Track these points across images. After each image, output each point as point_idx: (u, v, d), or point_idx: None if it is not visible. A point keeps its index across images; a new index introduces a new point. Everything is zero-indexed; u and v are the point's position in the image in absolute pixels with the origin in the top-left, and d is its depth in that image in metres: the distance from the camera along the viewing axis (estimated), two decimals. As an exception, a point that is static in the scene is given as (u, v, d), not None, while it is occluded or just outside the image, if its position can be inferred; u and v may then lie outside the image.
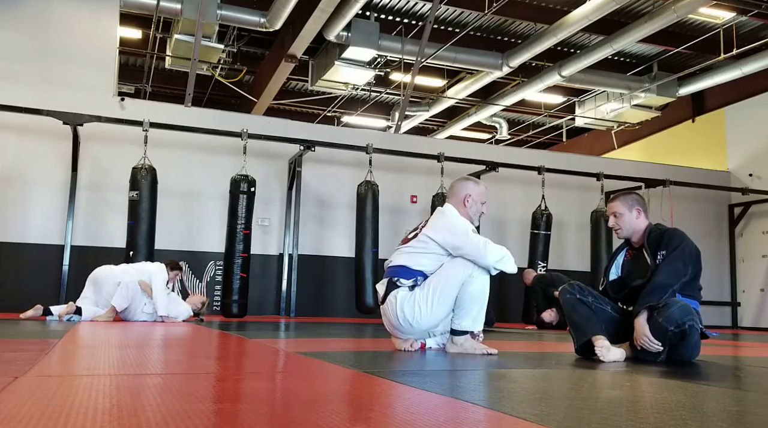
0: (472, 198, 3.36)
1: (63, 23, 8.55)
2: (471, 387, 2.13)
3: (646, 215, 3.31)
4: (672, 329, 2.93)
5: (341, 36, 9.76)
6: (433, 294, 3.14)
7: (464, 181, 3.46)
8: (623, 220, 3.27)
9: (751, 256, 11.03)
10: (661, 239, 3.17)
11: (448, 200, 3.46)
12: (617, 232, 3.31)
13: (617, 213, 3.28)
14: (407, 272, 3.22)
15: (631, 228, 3.27)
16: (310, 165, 8.84)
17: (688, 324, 2.93)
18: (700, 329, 3.03)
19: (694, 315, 2.98)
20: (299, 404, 1.59)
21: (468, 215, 3.36)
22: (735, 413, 1.69)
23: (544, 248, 9.01)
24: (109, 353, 2.87)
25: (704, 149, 12.36)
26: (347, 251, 8.86)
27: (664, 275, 3.07)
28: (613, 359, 2.94)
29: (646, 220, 3.29)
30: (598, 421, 1.42)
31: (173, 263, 6.35)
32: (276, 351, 3.39)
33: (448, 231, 3.23)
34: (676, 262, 3.09)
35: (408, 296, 3.17)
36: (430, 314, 3.16)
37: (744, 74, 10.49)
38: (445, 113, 13.96)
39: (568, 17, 9.17)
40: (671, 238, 3.16)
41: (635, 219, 3.26)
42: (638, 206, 3.28)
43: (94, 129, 7.88)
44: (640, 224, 3.27)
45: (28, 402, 1.48)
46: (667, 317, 2.94)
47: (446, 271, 3.17)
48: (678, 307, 2.96)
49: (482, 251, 3.16)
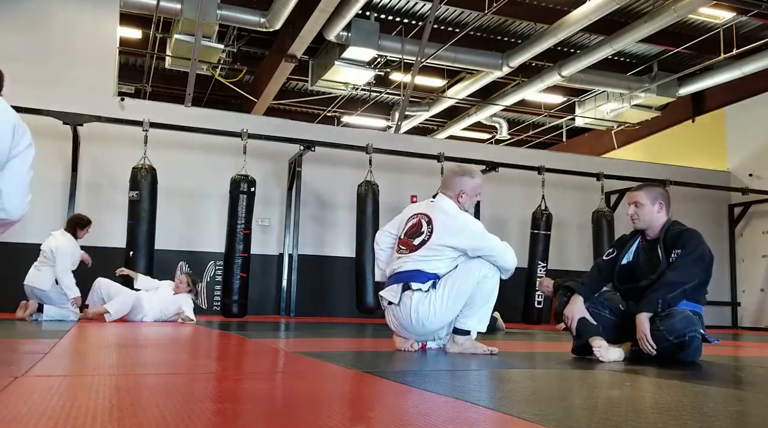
0: (466, 195, 3.34)
1: (63, 23, 8.55)
2: (471, 387, 2.12)
3: (667, 211, 3.24)
4: (672, 339, 2.90)
5: (341, 36, 9.76)
6: (449, 294, 3.12)
7: (459, 175, 3.38)
8: (643, 210, 3.21)
9: (751, 256, 11.03)
10: (679, 238, 3.11)
11: (443, 190, 3.40)
12: (634, 222, 3.25)
13: (639, 203, 3.22)
14: (422, 275, 3.17)
15: (650, 221, 3.21)
16: (310, 165, 8.83)
17: (689, 336, 2.89)
18: (702, 335, 2.98)
19: (696, 326, 2.93)
20: (299, 404, 1.59)
21: (462, 208, 3.36)
22: (735, 413, 1.69)
23: (544, 248, 9.01)
24: (109, 353, 2.86)
25: (704, 149, 12.36)
26: (347, 251, 8.85)
27: (677, 274, 3.02)
28: (613, 359, 2.92)
29: (665, 216, 3.22)
30: (598, 421, 1.42)
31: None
32: (276, 351, 3.39)
33: (465, 237, 3.18)
34: (691, 263, 3.04)
35: (423, 298, 3.14)
36: (443, 315, 3.14)
37: (744, 74, 10.48)
38: (445, 112, 13.95)
39: (568, 17, 9.16)
40: (689, 238, 3.10)
41: (656, 213, 3.20)
42: (661, 200, 3.21)
43: (94, 129, 7.88)
44: (660, 219, 3.20)
45: (28, 402, 1.48)
46: (669, 326, 2.90)
47: (462, 272, 3.14)
48: (681, 318, 2.91)
49: (503, 252, 3.17)
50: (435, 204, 3.36)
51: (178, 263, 8.42)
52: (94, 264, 6.55)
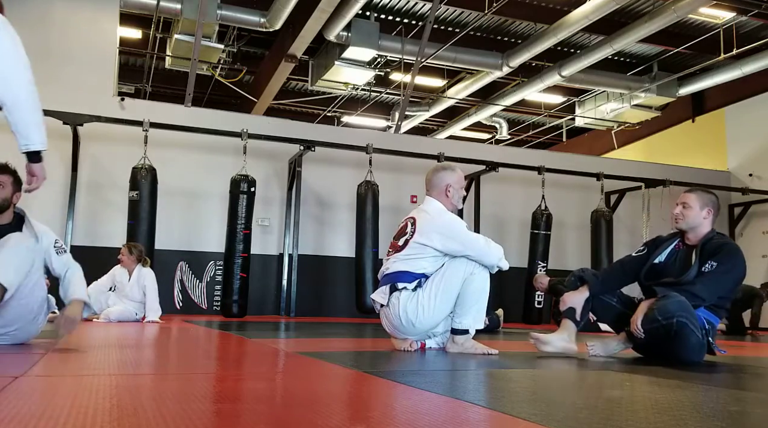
0: (452, 187, 3.37)
1: (63, 23, 8.55)
2: (471, 387, 2.13)
3: (714, 220, 3.21)
4: (661, 319, 2.84)
5: (341, 36, 9.76)
6: (436, 293, 3.13)
7: (440, 171, 3.44)
8: (691, 213, 3.18)
9: (751, 256, 11.03)
10: (719, 250, 3.07)
11: (429, 193, 3.43)
12: (677, 221, 3.22)
13: (687, 204, 3.19)
14: (409, 276, 3.20)
15: (693, 224, 3.18)
16: (310, 165, 8.83)
17: (678, 319, 2.82)
18: (705, 338, 2.96)
19: (689, 314, 2.88)
20: (299, 404, 1.59)
21: (452, 204, 3.37)
22: (735, 413, 1.69)
23: (544, 248, 9.01)
24: (109, 353, 2.86)
25: (704, 149, 12.36)
26: (347, 251, 8.86)
27: (703, 288, 2.99)
28: (558, 348, 3.12)
29: (710, 225, 3.20)
30: (598, 421, 1.42)
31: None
32: (276, 351, 3.39)
33: (445, 236, 3.19)
34: (721, 282, 3.02)
35: (411, 297, 3.16)
36: (432, 314, 3.16)
37: (744, 74, 10.48)
38: (445, 112, 13.95)
39: (568, 17, 9.16)
40: (728, 253, 3.07)
41: (702, 218, 3.17)
42: (711, 207, 3.19)
43: (94, 129, 7.88)
44: (704, 226, 3.18)
45: (28, 402, 1.48)
46: (661, 306, 2.88)
47: (448, 270, 3.16)
48: (675, 301, 2.89)
49: (486, 251, 3.16)
50: (421, 207, 3.44)
51: (178, 263, 8.44)
52: (94, 264, 6.52)
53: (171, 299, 8.28)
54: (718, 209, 3.24)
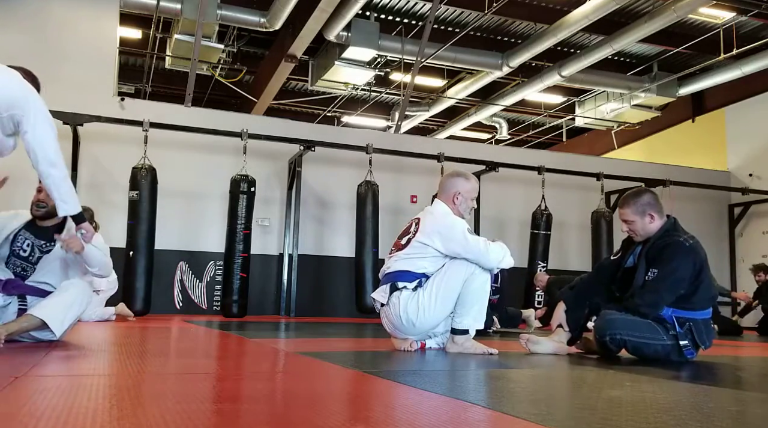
0: (461, 196, 3.35)
1: (63, 23, 8.54)
2: (471, 387, 2.13)
3: (661, 214, 3.21)
4: (599, 338, 3.09)
5: (341, 36, 9.76)
6: (436, 294, 3.13)
7: (454, 177, 3.41)
8: (636, 226, 3.19)
9: (751, 256, 11.02)
10: (660, 254, 3.08)
11: (439, 195, 3.43)
12: (634, 238, 3.26)
13: (629, 220, 3.21)
14: (410, 275, 3.20)
15: (645, 233, 3.19)
16: (310, 165, 8.83)
17: (611, 337, 3.01)
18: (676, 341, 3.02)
19: (615, 330, 3.01)
20: (299, 404, 1.59)
21: (458, 211, 3.36)
22: (735, 413, 1.69)
23: (544, 248, 9.01)
24: (109, 353, 2.87)
25: (704, 149, 12.35)
26: (347, 251, 8.85)
27: (649, 296, 3.04)
28: (541, 351, 3.24)
29: (660, 220, 3.19)
30: (598, 421, 1.42)
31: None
32: (276, 351, 3.39)
33: (445, 237, 3.19)
34: (664, 285, 3.04)
35: (411, 297, 3.16)
36: (433, 314, 3.16)
37: (744, 74, 10.48)
38: (445, 112, 13.95)
39: (568, 17, 9.16)
40: (668, 257, 3.06)
41: (648, 224, 3.17)
42: (650, 210, 3.17)
43: (94, 129, 7.88)
44: (655, 228, 3.18)
45: (28, 402, 1.49)
46: (596, 327, 3.11)
47: (449, 270, 3.16)
48: (604, 320, 3.06)
49: (484, 253, 3.15)
50: (427, 208, 3.45)
51: (178, 263, 8.43)
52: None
53: (171, 299, 8.28)
54: (657, 203, 3.22)
